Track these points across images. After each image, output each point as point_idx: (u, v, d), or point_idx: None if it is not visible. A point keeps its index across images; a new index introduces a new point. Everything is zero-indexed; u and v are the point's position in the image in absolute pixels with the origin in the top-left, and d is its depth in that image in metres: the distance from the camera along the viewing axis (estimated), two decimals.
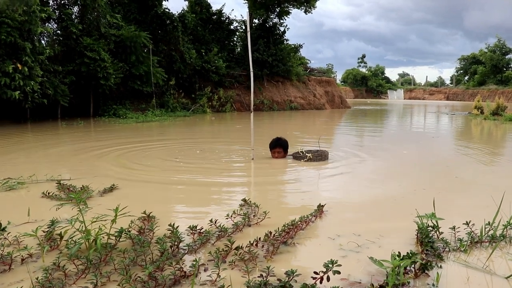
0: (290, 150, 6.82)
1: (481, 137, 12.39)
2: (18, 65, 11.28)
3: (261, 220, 3.33)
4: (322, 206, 3.64)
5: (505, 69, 59.59)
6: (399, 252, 2.28)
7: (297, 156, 6.45)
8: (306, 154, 6.32)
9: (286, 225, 3.01)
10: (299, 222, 3.15)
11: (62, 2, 15.22)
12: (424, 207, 3.41)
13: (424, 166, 6.57)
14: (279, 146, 6.66)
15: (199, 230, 2.96)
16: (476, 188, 5.05)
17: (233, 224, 3.14)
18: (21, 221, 3.29)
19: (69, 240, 2.63)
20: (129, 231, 2.83)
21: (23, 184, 4.65)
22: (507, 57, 60.04)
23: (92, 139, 9.83)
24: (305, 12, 25.88)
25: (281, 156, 6.66)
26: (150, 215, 3.30)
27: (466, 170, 6.33)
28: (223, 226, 3.03)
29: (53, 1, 15.13)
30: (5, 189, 4.43)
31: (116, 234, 2.72)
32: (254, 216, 3.47)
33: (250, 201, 3.80)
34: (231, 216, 3.30)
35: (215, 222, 3.07)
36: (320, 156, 6.40)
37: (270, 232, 2.85)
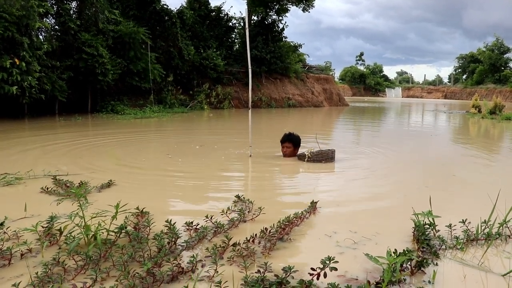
0: (301, 150, 6.51)
1: (479, 136, 12.43)
2: (16, 60, 11.24)
3: (256, 216, 3.34)
4: (315, 203, 3.67)
5: (503, 68, 59.69)
6: (395, 249, 2.30)
7: (300, 156, 6.24)
8: (305, 153, 6.12)
9: (282, 222, 3.03)
10: (294, 219, 3.16)
11: None
12: (421, 205, 3.42)
13: (421, 164, 6.59)
14: (288, 141, 6.38)
15: (195, 226, 2.97)
16: (473, 186, 5.07)
17: (228, 220, 3.15)
18: (18, 216, 3.29)
19: (68, 235, 2.64)
20: (126, 227, 2.84)
21: (21, 179, 4.65)
22: (505, 56, 60.19)
23: (90, 135, 9.82)
24: (303, 10, 25.88)
25: (290, 151, 6.36)
26: (143, 211, 3.31)
27: (463, 168, 6.36)
28: (219, 222, 3.04)
29: None
30: (3, 184, 4.42)
31: (116, 230, 2.73)
32: (248, 212, 3.49)
33: (244, 198, 3.82)
34: (226, 212, 3.32)
35: (211, 218, 3.08)
36: (321, 155, 6.08)
37: (266, 228, 2.87)
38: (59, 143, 7.91)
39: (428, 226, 2.99)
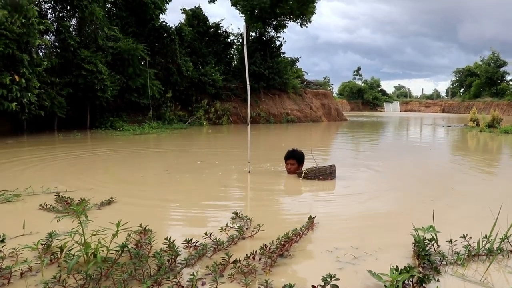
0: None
1: (478, 149, 12.45)
2: (16, 76, 11.30)
3: (255, 233, 3.32)
4: (313, 218, 3.65)
5: (499, 81, 60.19)
6: (396, 266, 2.28)
7: (298, 173, 6.18)
8: (302, 170, 6.07)
9: (281, 238, 3.01)
10: (293, 235, 3.15)
11: (60, 14, 15.35)
12: (421, 220, 3.41)
13: (421, 178, 6.57)
14: (292, 158, 6.36)
15: (194, 244, 2.95)
16: (473, 200, 5.06)
17: (228, 238, 3.13)
18: (17, 233, 3.27)
19: (68, 253, 2.61)
20: (127, 246, 2.81)
21: (19, 196, 4.63)
22: (501, 69, 60.75)
23: (89, 151, 9.81)
24: (301, 25, 26.17)
25: (294, 168, 6.33)
26: (146, 228, 3.29)
27: (463, 181, 6.35)
28: (218, 239, 3.03)
29: (51, 14, 15.27)
30: (1, 201, 4.40)
31: (117, 248, 2.70)
32: (247, 229, 3.47)
33: (242, 214, 3.80)
34: (225, 229, 3.31)
35: (210, 235, 3.07)
36: (319, 172, 5.95)
37: (265, 245, 2.85)
38: (58, 160, 7.90)
39: (428, 242, 2.97)
